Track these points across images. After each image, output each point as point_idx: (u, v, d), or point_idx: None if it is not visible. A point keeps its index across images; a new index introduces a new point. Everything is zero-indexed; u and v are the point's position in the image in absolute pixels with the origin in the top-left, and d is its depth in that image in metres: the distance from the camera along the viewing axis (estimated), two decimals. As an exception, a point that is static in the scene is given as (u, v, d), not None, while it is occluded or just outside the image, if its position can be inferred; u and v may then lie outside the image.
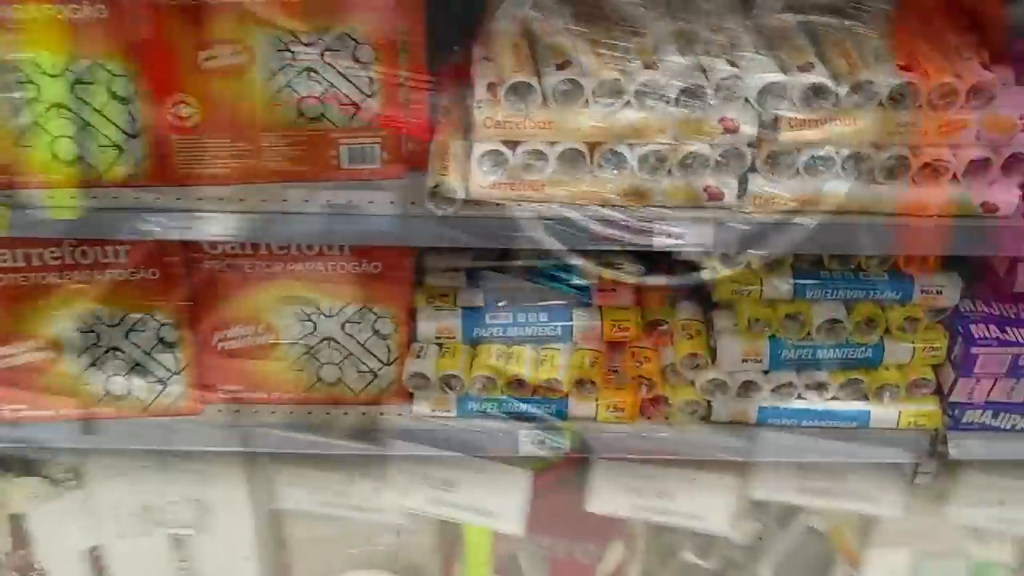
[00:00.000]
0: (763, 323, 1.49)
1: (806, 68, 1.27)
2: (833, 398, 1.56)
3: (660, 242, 1.34)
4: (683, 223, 1.33)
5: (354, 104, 1.33)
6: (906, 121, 1.27)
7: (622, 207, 1.33)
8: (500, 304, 1.57)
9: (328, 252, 1.48)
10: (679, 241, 1.33)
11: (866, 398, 1.56)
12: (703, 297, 1.58)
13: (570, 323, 1.54)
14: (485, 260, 1.64)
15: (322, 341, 1.54)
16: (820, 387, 1.55)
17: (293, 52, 1.28)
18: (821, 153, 1.29)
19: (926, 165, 1.30)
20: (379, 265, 1.49)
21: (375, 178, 1.37)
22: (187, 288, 1.49)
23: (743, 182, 1.32)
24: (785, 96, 1.26)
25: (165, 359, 1.52)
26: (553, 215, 1.33)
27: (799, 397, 1.56)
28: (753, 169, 1.32)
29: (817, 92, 1.26)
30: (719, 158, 1.30)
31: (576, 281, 1.61)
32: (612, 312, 1.55)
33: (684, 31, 1.34)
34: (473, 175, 1.31)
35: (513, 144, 1.29)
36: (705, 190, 1.32)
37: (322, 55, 1.29)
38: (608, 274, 1.52)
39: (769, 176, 1.31)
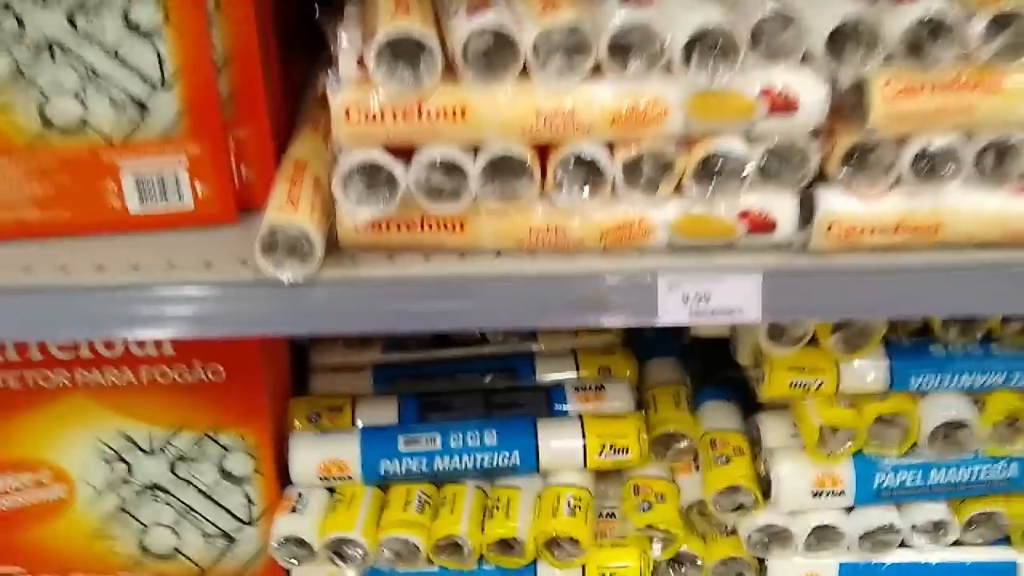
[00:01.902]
0: (843, 433, 0.93)
1: (910, -9, 0.72)
2: (956, 543, 0.99)
3: (669, 314, 0.78)
4: (707, 278, 0.77)
5: (138, 102, 0.78)
6: (1092, 80, 0.72)
7: (601, 252, 0.78)
8: (425, 418, 1.01)
9: (138, 350, 0.92)
10: (703, 309, 0.77)
11: (1008, 540, 0.99)
12: (743, 390, 1.02)
13: (534, 444, 0.98)
14: (404, 350, 1.09)
15: (144, 491, 0.98)
16: (936, 528, 0.97)
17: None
18: (939, 144, 0.74)
19: (1125, 158, 0.75)
20: (221, 368, 0.93)
21: (183, 225, 0.82)
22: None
23: (806, 201, 0.77)
24: (875, 44, 0.71)
25: None
26: (485, 274, 0.77)
27: (903, 545, 0.98)
28: (823, 178, 0.77)
29: (932, 31, 0.71)
30: (763, 161, 0.75)
31: (543, 377, 1.06)
32: (600, 423, 0.99)
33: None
34: (339, 209, 0.76)
35: (404, 154, 0.74)
36: (743, 218, 0.77)
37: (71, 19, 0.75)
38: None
39: (850, 187, 0.76)
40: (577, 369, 1.07)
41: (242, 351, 0.93)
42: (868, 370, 0.92)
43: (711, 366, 1.08)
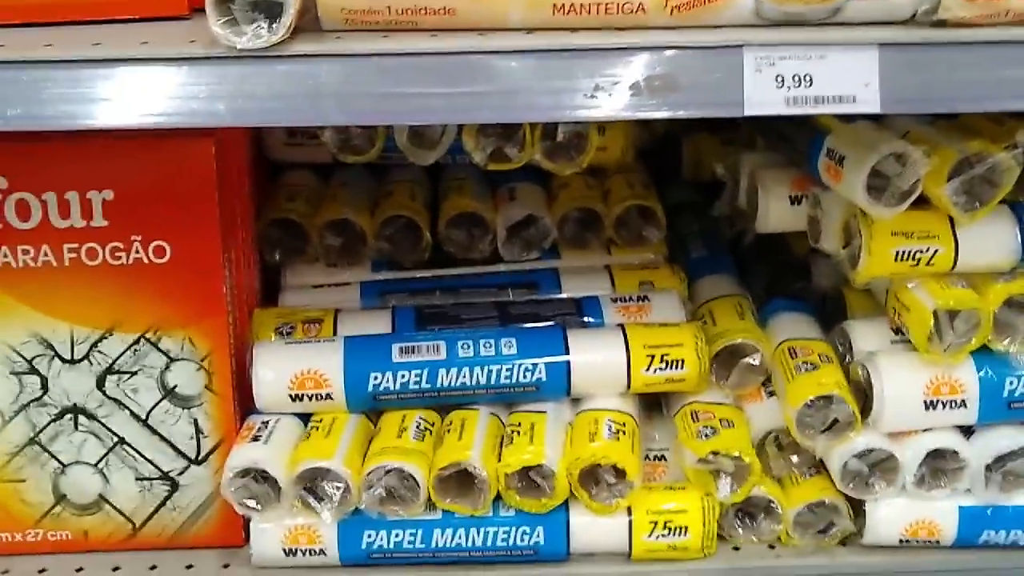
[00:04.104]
0: (964, 319, 0.72)
1: None
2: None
3: (759, 103, 0.58)
4: (807, 53, 0.58)
5: None
6: None
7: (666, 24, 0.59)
8: (424, 328, 0.80)
9: (59, 220, 0.72)
10: (803, 96, 0.58)
11: None
12: (823, 294, 0.82)
13: (564, 358, 0.77)
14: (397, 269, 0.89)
15: (60, 417, 0.76)
16: (1084, 457, 0.76)
17: None
18: None
19: None
20: (166, 246, 0.73)
21: (112, 13, 0.63)
22: None
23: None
24: None
25: None
26: (511, 46, 0.58)
27: (1039, 484, 0.77)
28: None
29: None
30: None
31: (570, 292, 0.86)
32: (648, 332, 0.78)
33: None
34: (320, -38, 0.58)
35: None
36: (851, -33, 0.59)
37: None
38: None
39: (991, -67, 0.58)
40: (613, 285, 0.87)
41: (195, 222, 0.73)
42: (993, 237, 0.72)
43: (775, 282, 0.89)
